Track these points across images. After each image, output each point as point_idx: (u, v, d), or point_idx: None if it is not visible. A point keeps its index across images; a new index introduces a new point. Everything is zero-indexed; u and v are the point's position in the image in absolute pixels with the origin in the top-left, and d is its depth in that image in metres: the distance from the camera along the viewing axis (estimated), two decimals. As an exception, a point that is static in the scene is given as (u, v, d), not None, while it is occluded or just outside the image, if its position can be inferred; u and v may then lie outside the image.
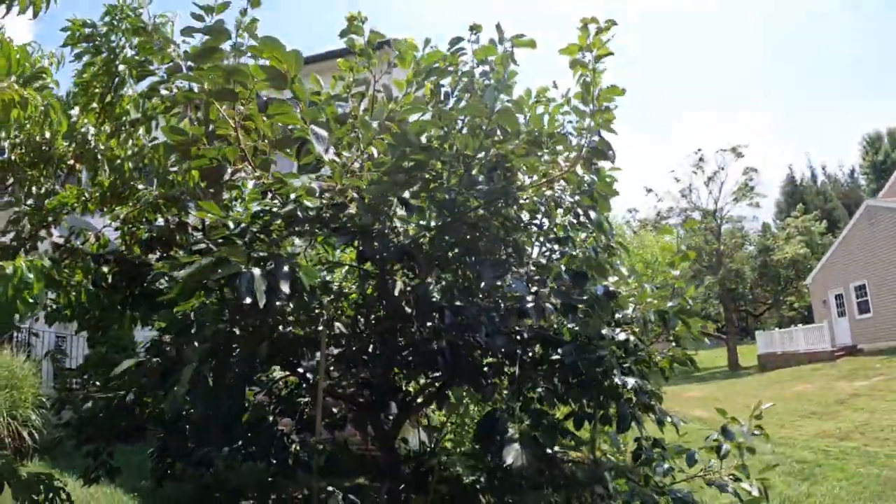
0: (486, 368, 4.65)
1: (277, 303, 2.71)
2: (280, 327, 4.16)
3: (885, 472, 9.93)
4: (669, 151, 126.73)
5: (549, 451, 4.42)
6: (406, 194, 3.59)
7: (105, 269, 4.93)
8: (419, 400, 5.28)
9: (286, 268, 2.71)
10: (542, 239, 4.74)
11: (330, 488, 4.55)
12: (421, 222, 4.23)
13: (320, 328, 4.16)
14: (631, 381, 4.11)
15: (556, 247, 4.74)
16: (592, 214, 4.36)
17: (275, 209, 3.98)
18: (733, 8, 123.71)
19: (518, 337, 4.39)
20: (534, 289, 3.78)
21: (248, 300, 2.53)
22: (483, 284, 3.83)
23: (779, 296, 49.04)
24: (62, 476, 7.11)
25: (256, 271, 2.64)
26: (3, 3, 3.81)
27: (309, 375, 5.35)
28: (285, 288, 2.65)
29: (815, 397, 19.26)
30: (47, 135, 4.83)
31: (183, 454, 5.23)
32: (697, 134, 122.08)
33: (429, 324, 4.33)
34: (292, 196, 3.24)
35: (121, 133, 4.74)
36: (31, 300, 2.96)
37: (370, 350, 4.89)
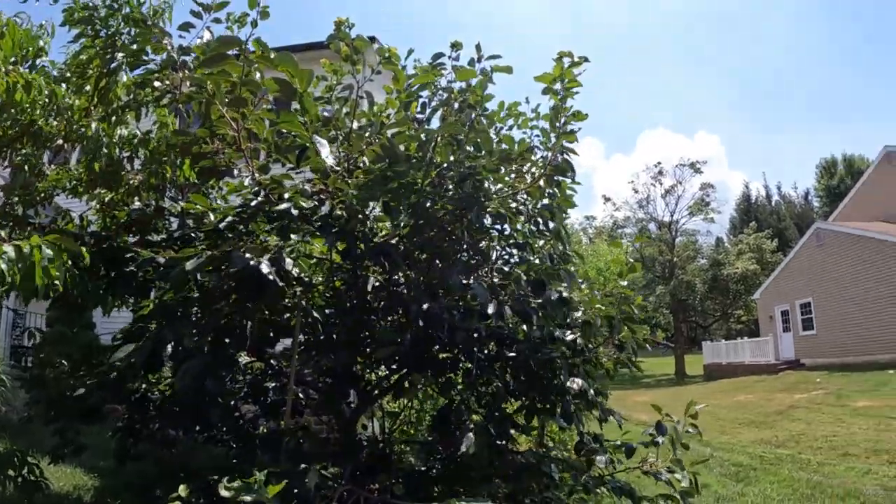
0: (442, 363, 4.92)
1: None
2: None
3: (815, 477, 10.50)
4: (626, 161, 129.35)
5: (498, 442, 4.72)
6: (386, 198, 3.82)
7: (83, 248, 5.04)
8: (378, 390, 5.53)
9: (289, 259, 2.99)
10: (502, 243, 5.02)
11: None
12: (395, 224, 4.45)
13: (293, 316, 4.36)
14: (577, 382, 4.45)
15: (514, 251, 5.03)
16: (551, 224, 4.70)
17: (253, 203, 4.21)
18: (702, 29, 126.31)
19: (475, 335, 4.64)
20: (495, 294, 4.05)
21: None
22: (450, 285, 4.08)
23: (727, 309, 50.44)
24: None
25: (265, 264, 2.91)
26: None
27: (273, 362, 5.58)
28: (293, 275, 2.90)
29: (756, 407, 20.02)
30: (37, 112, 4.87)
31: (147, 435, 5.34)
32: (656, 147, 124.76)
33: (394, 318, 4.60)
34: (286, 195, 3.49)
35: (111, 118, 4.84)
36: (56, 273, 3.08)
37: (334, 339, 5.12)
